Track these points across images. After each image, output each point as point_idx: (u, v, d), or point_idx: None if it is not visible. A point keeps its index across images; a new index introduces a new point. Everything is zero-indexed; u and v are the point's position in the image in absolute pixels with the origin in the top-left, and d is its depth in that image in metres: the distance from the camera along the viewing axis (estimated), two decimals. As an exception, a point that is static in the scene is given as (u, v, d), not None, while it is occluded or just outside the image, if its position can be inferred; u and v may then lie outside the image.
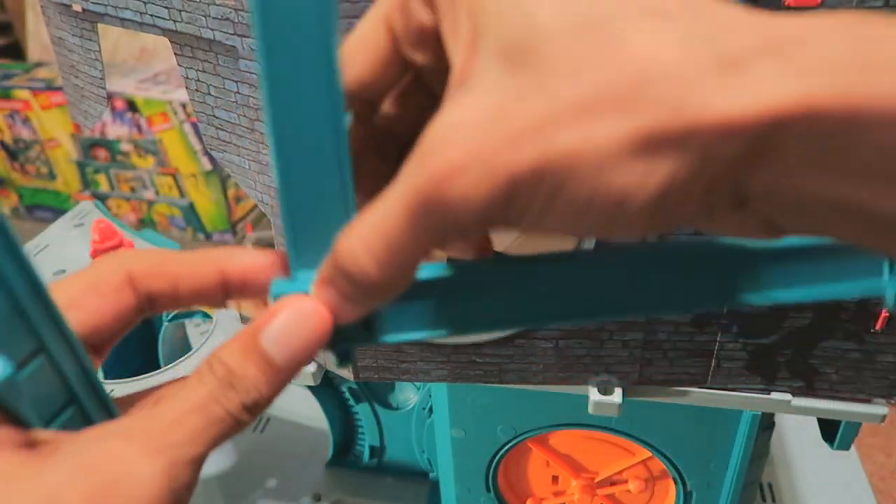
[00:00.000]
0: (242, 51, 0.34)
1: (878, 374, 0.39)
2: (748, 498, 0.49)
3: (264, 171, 0.39)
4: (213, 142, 0.41)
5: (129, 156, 1.65)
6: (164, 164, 1.63)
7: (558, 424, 0.46)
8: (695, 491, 0.48)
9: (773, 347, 0.39)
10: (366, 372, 0.43)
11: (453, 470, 0.50)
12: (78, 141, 1.69)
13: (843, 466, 0.69)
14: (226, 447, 0.77)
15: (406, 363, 0.42)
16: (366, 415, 0.69)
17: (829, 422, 0.44)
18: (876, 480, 0.99)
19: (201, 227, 1.70)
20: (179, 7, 0.35)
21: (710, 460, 0.46)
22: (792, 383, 0.40)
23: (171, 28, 0.37)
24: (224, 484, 0.73)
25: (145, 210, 1.74)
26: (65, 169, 1.75)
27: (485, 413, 0.46)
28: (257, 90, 0.36)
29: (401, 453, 0.71)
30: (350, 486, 0.72)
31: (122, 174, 1.70)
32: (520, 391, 0.44)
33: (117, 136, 1.63)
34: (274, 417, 0.80)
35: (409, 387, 0.68)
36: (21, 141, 1.74)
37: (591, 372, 0.41)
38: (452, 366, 0.42)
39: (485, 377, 0.42)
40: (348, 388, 0.68)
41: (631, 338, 0.39)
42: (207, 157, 1.59)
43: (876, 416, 0.40)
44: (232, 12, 0.34)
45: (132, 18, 0.38)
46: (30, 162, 1.77)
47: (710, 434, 0.45)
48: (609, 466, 0.49)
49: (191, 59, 0.38)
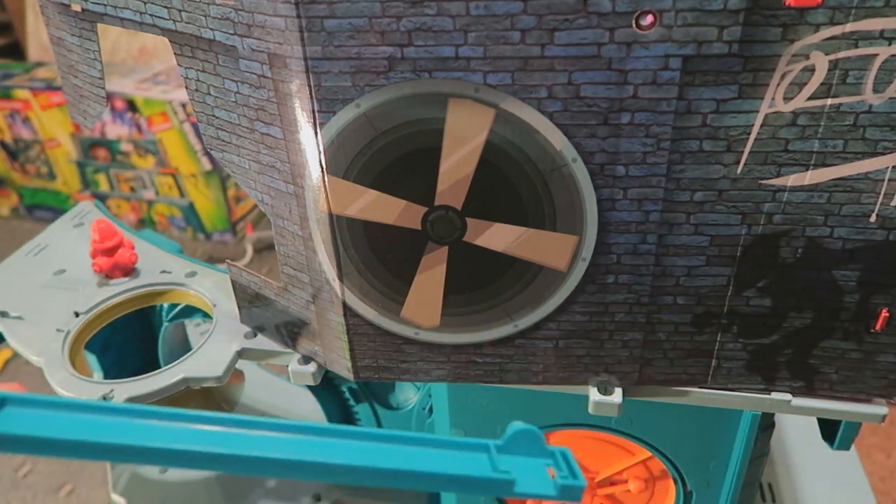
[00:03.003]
0: (242, 51, 0.34)
1: (878, 374, 0.39)
2: (748, 498, 0.49)
3: (264, 171, 0.39)
4: (213, 142, 0.41)
5: (129, 156, 1.65)
6: (164, 164, 1.63)
7: (558, 424, 0.46)
8: (695, 491, 0.48)
9: (773, 347, 0.39)
10: (366, 372, 0.43)
11: (453, 470, 0.50)
12: (78, 141, 1.69)
13: (843, 466, 0.69)
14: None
15: (406, 363, 0.42)
16: (366, 415, 0.69)
17: (829, 422, 0.44)
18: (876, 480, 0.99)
19: (201, 227, 1.70)
20: (179, 7, 0.35)
21: (710, 460, 0.46)
22: (792, 383, 0.40)
23: (171, 28, 0.37)
24: (224, 484, 0.73)
25: (145, 210, 1.74)
26: (65, 169, 1.75)
27: (485, 413, 0.46)
28: (257, 90, 0.36)
29: (401, 453, 0.71)
30: (350, 486, 0.72)
31: (122, 174, 1.70)
32: (520, 391, 0.44)
33: (117, 136, 1.63)
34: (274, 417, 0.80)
35: (409, 387, 0.68)
36: (21, 141, 1.74)
37: (591, 372, 0.41)
38: (452, 366, 0.42)
39: (485, 377, 0.42)
40: (348, 388, 0.68)
41: (631, 338, 0.39)
42: (207, 157, 1.59)
43: (876, 416, 0.40)
44: (232, 12, 0.34)
45: (132, 18, 0.38)
46: (30, 162, 1.77)
47: (710, 434, 0.45)
48: (609, 466, 0.49)
49: (191, 59, 0.38)
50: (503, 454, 0.25)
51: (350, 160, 0.35)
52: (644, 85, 0.31)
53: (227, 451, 0.24)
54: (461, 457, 0.25)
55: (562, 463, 0.25)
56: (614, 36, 0.30)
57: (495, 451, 0.25)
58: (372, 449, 0.25)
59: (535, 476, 0.25)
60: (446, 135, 0.34)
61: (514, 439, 0.25)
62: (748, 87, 0.31)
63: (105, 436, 0.24)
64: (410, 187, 0.35)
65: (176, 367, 0.47)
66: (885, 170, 0.33)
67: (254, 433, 0.25)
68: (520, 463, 0.25)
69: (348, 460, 0.24)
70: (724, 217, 0.35)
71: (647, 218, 0.35)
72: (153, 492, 0.73)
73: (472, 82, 0.32)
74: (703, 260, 0.36)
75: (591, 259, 0.37)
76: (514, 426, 0.25)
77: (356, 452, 0.25)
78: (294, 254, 0.41)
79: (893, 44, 0.29)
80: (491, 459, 0.25)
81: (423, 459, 0.25)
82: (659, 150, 0.33)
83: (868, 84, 0.31)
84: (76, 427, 0.24)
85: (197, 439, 0.24)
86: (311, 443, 0.25)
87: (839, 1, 0.29)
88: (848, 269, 0.36)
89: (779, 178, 0.33)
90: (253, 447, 0.24)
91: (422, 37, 0.31)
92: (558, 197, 0.35)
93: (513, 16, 0.30)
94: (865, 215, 0.34)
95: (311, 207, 0.37)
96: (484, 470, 0.25)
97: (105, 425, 0.24)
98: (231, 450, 0.24)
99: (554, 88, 0.32)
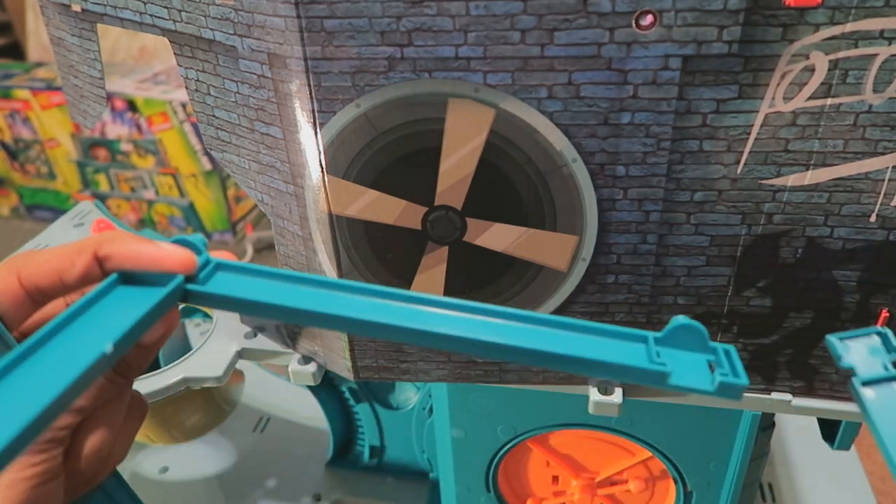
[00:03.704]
0: (242, 51, 0.34)
1: (878, 374, 0.39)
2: (748, 498, 0.49)
3: (264, 171, 0.39)
4: (213, 142, 0.41)
5: (129, 156, 1.65)
6: (164, 164, 1.63)
7: (558, 424, 0.46)
8: (695, 491, 0.48)
9: (773, 347, 0.39)
10: (366, 372, 0.43)
11: (453, 470, 0.50)
12: (78, 141, 1.69)
13: (843, 466, 0.69)
14: (226, 447, 0.77)
15: (406, 363, 0.42)
16: (366, 415, 0.69)
17: (829, 422, 0.44)
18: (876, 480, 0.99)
19: (201, 227, 1.70)
20: (179, 7, 0.35)
21: (710, 460, 0.46)
22: (792, 383, 0.40)
23: (170, 28, 0.37)
24: (224, 484, 0.73)
25: (145, 210, 1.74)
26: (65, 169, 1.75)
27: (485, 413, 0.46)
28: (257, 90, 0.36)
29: (401, 453, 0.71)
30: (350, 486, 0.72)
31: (122, 174, 1.70)
32: (520, 391, 0.44)
33: (117, 136, 1.63)
34: (274, 417, 0.80)
35: (409, 387, 0.68)
36: (21, 141, 1.74)
37: (591, 372, 0.41)
38: (452, 366, 0.42)
39: (485, 377, 0.42)
40: (348, 388, 0.68)
41: (631, 338, 0.39)
42: (207, 157, 1.59)
43: (876, 416, 0.40)
44: (232, 12, 0.34)
45: (132, 18, 0.38)
46: (30, 162, 1.77)
47: (710, 434, 0.45)
48: (609, 466, 0.49)
49: (191, 59, 0.38)
50: (662, 346, 0.25)
51: (350, 160, 0.35)
52: (644, 85, 0.31)
53: (435, 330, 0.25)
54: (618, 345, 0.25)
55: (724, 359, 0.24)
56: (614, 36, 0.30)
57: (654, 342, 0.25)
58: (523, 331, 0.25)
59: (693, 370, 0.24)
60: (446, 135, 0.34)
61: (676, 332, 0.24)
62: (748, 87, 0.31)
63: (305, 304, 0.26)
64: (410, 187, 0.35)
65: (176, 367, 0.47)
66: (885, 170, 0.33)
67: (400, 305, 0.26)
68: (678, 356, 0.24)
69: (500, 338, 0.25)
70: (724, 217, 0.35)
71: (647, 218, 0.35)
72: (153, 492, 0.73)
73: (472, 82, 0.32)
74: (703, 260, 0.36)
75: (592, 259, 0.37)
76: (677, 319, 0.24)
77: (508, 333, 0.25)
78: (294, 254, 0.41)
79: (893, 44, 0.29)
80: (648, 350, 0.24)
81: (579, 344, 0.25)
82: (659, 150, 0.33)
83: (868, 84, 0.31)
84: (282, 294, 0.26)
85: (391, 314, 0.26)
86: (463, 321, 0.25)
87: (839, 1, 0.29)
88: (848, 269, 0.36)
89: (779, 178, 0.33)
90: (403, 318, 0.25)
91: (422, 37, 0.31)
92: (558, 197, 0.35)
93: (513, 16, 0.30)
94: (865, 215, 0.34)
95: (311, 207, 0.37)
96: (640, 360, 0.24)
97: (310, 295, 0.26)
98: (402, 321, 0.25)
99: (554, 88, 0.32)
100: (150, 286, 0.25)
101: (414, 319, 0.25)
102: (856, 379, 0.25)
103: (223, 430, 0.77)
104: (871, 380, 0.25)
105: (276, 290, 0.26)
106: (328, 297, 0.26)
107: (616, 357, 0.24)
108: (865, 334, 0.27)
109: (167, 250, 0.26)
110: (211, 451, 0.76)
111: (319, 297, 0.26)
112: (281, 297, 0.26)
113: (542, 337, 0.25)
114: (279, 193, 0.39)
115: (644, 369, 0.24)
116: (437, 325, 0.25)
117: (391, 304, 0.26)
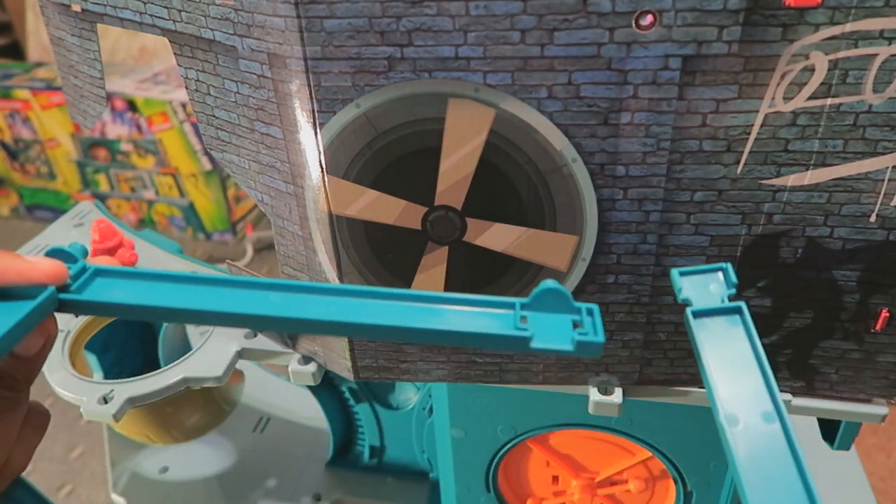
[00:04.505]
0: (242, 51, 0.34)
1: (878, 374, 0.39)
2: (748, 498, 0.49)
3: (264, 171, 0.39)
4: (213, 142, 0.41)
5: (129, 156, 1.65)
6: (164, 164, 1.63)
7: (558, 424, 0.46)
8: (695, 491, 0.48)
9: (773, 347, 0.39)
10: (366, 372, 0.43)
11: (453, 470, 0.50)
12: (78, 141, 1.69)
13: (843, 466, 0.69)
14: (226, 447, 0.77)
15: (406, 363, 0.42)
16: (366, 415, 0.69)
17: (829, 422, 0.44)
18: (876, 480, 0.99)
19: (201, 227, 1.70)
20: (179, 7, 0.35)
21: (710, 460, 0.46)
22: (792, 383, 0.40)
23: (170, 28, 0.37)
24: (224, 484, 0.73)
25: (145, 210, 1.74)
26: (65, 169, 1.75)
27: (485, 413, 0.46)
28: (257, 90, 0.36)
29: (401, 453, 0.71)
30: (350, 486, 0.72)
31: (122, 174, 1.70)
32: (520, 391, 0.44)
33: (117, 136, 1.63)
34: (274, 417, 0.80)
35: (409, 387, 0.68)
36: (21, 141, 1.74)
37: (591, 372, 0.41)
38: (452, 366, 0.42)
39: (485, 377, 0.42)
40: (348, 388, 0.68)
41: (631, 338, 0.39)
42: (207, 157, 1.59)
43: (876, 416, 0.40)
44: (232, 12, 0.34)
45: (132, 18, 0.38)
46: (30, 162, 1.77)
47: (710, 434, 0.45)
48: (609, 466, 0.49)
49: (191, 59, 0.38)
50: (530, 311, 0.25)
51: (350, 160, 0.35)
52: (644, 85, 0.31)
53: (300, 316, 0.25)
54: (484, 314, 0.25)
55: (586, 318, 0.25)
56: (614, 36, 0.30)
57: (520, 307, 0.25)
58: (389, 307, 0.25)
59: (556, 332, 0.24)
60: (446, 135, 0.34)
61: (542, 296, 0.25)
62: (748, 87, 0.31)
63: (186, 303, 0.26)
64: (410, 187, 0.35)
65: (176, 367, 0.47)
66: (885, 170, 0.33)
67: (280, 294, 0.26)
68: (544, 319, 0.25)
69: (365, 318, 0.25)
70: (724, 217, 0.35)
71: (647, 218, 0.35)
72: (153, 492, 0.73)
73: (472, 82, 0.32)
74: (703, 260, 0.36)
75: (591, 259, 0.37)
76: (544, 284, 0.25)
77: (371, 309, 0.25)
78: (294, 254, 0.41)
79: (893, 44, 0.29)
80: (515, 317, 0.25)
81: (445, 317, 0.25)
82: (659, 150, 0.33)
83: (868, 84, 0.30)
84: (163, 295, 0.27)
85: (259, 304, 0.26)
86: (332, 302, 0.26)
87: (839, 1, 0.29)
88: (848, 269, 0.36)
89: (779, 178, 0.33)
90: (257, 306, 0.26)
91: (422, 37, 0.31)
92: (558, 197, 0.35)
93: (513, 16, 0.30)
94: (865, 215, 0.34)
95: (311, 207, 0.37)
96: (504, 327, 0.24)
97: (186, 293, 0.27)
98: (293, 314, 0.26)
99: (554, 88, 0.32)
100: (21, 300, 0.25)
101: (259, 307, 0.26)
102: (689, 310, 0.26)
103: (223, 430, 0.77)
104: (702, 311, 0.26)
105: (158, 292, 0.27)
106: (212, 294, 0.27)
107: (479, 327, 0.25)
108: (711, 270, 0.28)
109: (33, 263, 0.26)
110: (211, 451, 0.76)
111: (204, 295, 0.26)
112: (162, 299, 0.26)
113: (407, 312, 0.25)
114: (279, 193, 0.39)
115: (506, 336, 0.24)
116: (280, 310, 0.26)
117: (260, 294, 0.27)
